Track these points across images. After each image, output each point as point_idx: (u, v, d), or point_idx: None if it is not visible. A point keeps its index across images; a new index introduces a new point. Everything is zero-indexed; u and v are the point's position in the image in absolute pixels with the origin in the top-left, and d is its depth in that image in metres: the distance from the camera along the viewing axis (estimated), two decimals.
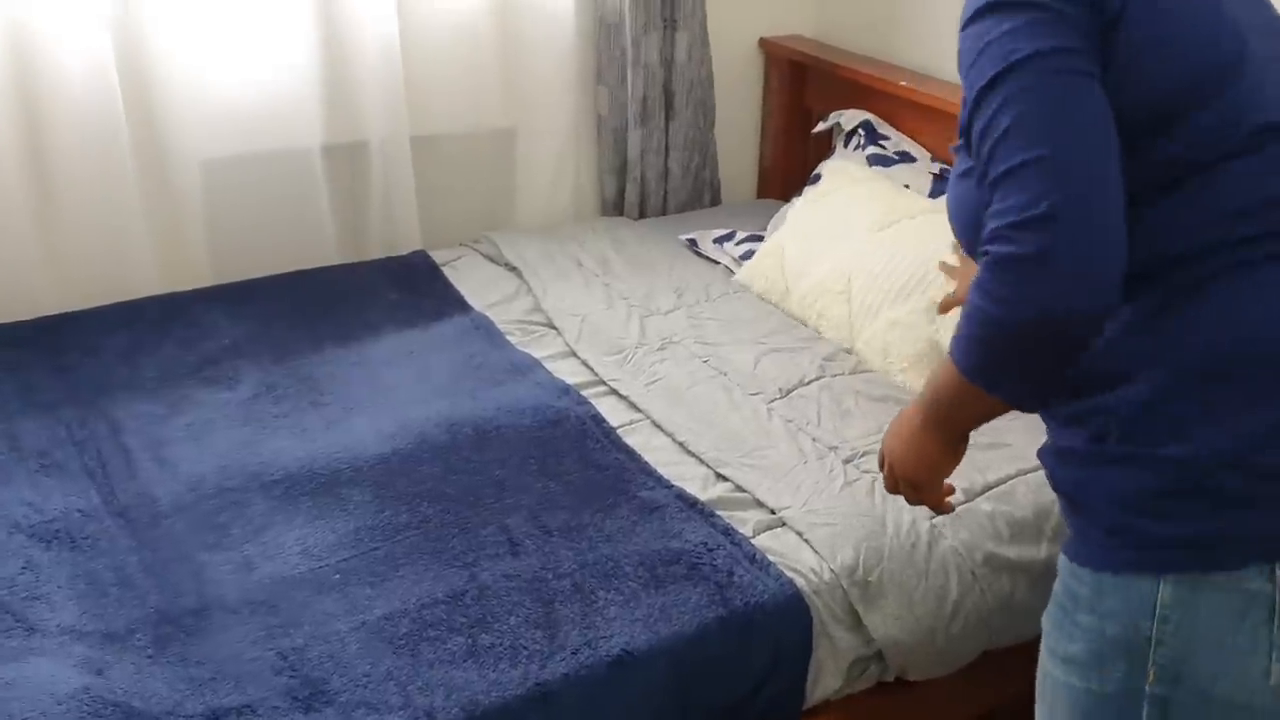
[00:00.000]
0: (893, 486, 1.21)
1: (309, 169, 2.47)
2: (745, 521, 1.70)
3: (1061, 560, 1.08)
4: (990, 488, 1.77)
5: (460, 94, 2.61)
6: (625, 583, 1.54)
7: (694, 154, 2.88)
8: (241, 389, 2.01)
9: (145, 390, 1.99)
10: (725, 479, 1.80)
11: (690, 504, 1.72)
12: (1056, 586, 1.08)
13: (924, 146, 2.62)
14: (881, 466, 1.23)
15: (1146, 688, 0.98)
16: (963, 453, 1.15)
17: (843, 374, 2.11)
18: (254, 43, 2.35)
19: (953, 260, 1.55)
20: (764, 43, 2.97)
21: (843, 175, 2.52)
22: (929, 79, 2.64)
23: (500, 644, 1.44)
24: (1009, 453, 1.82)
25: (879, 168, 2.55)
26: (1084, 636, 1.02)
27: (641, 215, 2.87)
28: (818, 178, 2.65)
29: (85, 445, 1.84)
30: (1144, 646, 0.98)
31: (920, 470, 1.16)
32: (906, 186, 2.46)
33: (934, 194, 2.43)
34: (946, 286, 1.91)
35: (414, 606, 1.50)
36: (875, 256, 2.23)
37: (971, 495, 1.75)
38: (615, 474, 1.79)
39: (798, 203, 2.58)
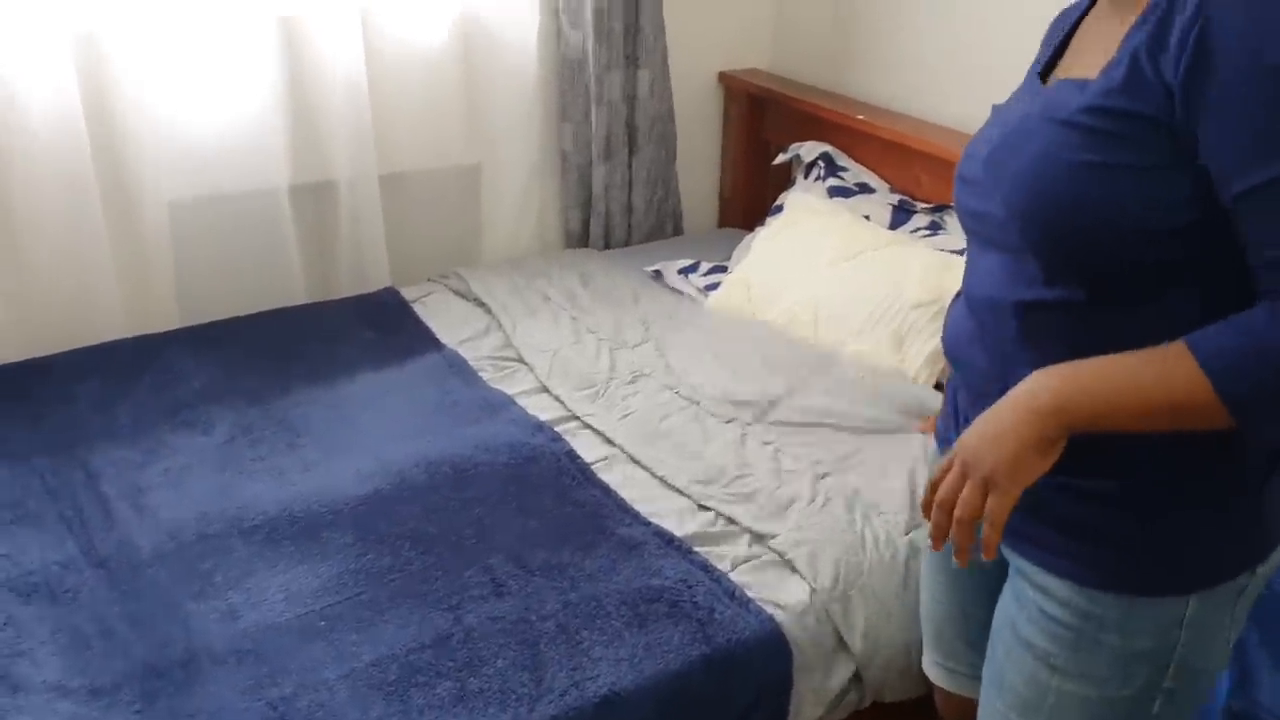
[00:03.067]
0: (957, 486, 1.04)
1: (277, 209, 2.48)
2: (723, 557, 1.73)
3: (1067, 586, 1.12)
4: None
5: (427, 131, 2.64)
6: (608, 622, 1.57)
7: (657, 187, 2.92)
8: (217, 433, 2.01)
9: (120, 437, 1.99)
10: (708, 509, 1.84)
11: (668, 540, 1.75)
12: (1057, 611, 1.13)
13: (882, 177, 2.68)
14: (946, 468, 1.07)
15: (1164, 684, 1.12)
16: (1052, 462, 1.02)
17: (813, 392, 2.14)
18: (221, 85, 2.36)
19: None
20: (723, 77, 3.03)
21: (804, 207, 2.58)
22: (882, 111, 2.71)
23: (489, 688, 1.46)
24: None
25: (839, 199, 2.61)
26: (1107, 653, 1.11)
27: (606, 247, 2.91)
28: (779, 209, 2.70)
29: (60, 495, 1.84)
30: (1169, 653, 1.10)
31: (1011, 466, 0.99)
32: (866, 217, 2.52)
33: (893, 225, 2.49)
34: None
35: (401, 652, 1.51)
36: (840, 289, 2.28)
37: None
38: (592, 511, 1.82)
39: (762, 233, 2.63)
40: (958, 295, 1.25)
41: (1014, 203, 1.04)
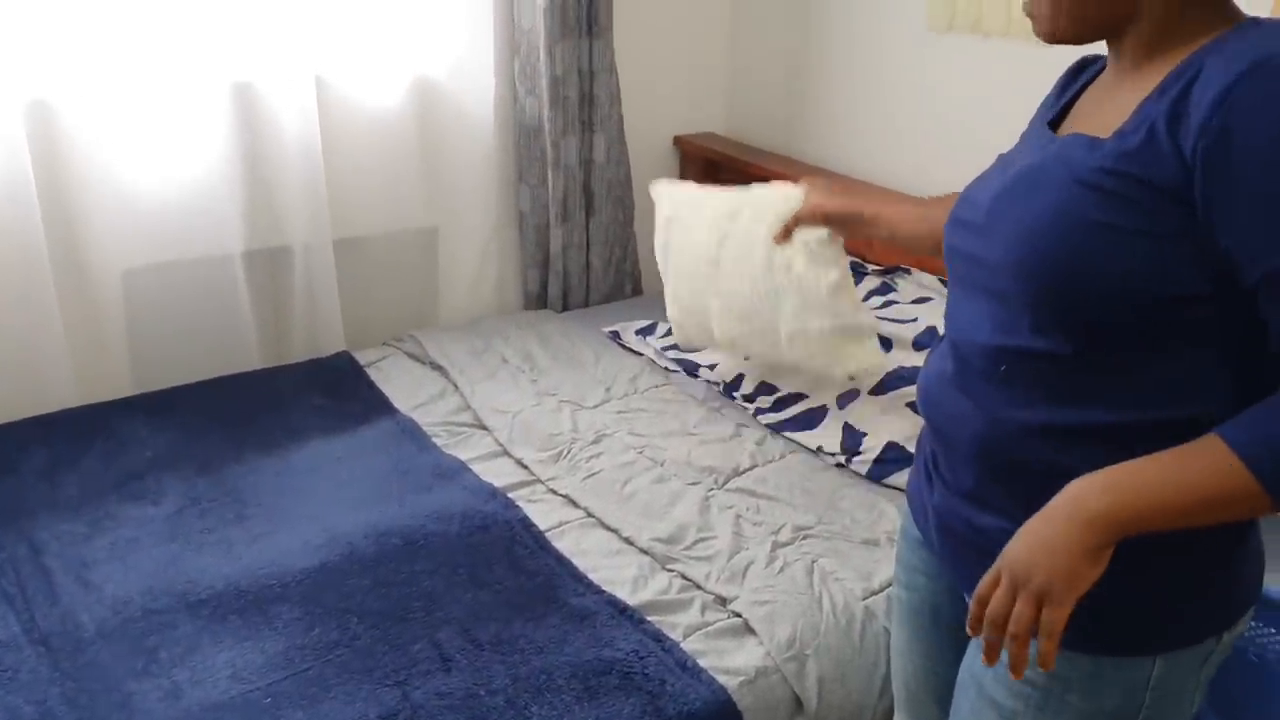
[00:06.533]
0: (1008, 602, 1.00)
1: (230, 275, 2.47)
2: (675, 625, 1.72)
3: (1036, 646, 1.11)
4: None
5: (382, 196, 2.65)
6: (558, 696, 1.56)
7: (614, 248, 2.94)
8: (165, 504, 1.99)
9: (66, 508, 1.97)
10: (665, 571, 1.85)
11: (620, 610, 1.74)
12: (1029, 672, 1.12)
13: None
14: (993, 586, 1.03)
15: None
16: (1103, 569, 1.00)
17: (774, 460, 2.17)
18: (174, 151, 2.36)
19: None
20: (679, 140, 3.07)
21: (670, 200, 2.40)
22: (834, 175, 2.75)
23: None
24: None
25: None
26: (1072, 713, 1.11)
27: (565, 308, 2.92)
28: None
29: (3, 569, 1.81)
30: (1133, 715, 1.11)
31: (1065, 577, 0.97)
32: None
33: None
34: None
35: None
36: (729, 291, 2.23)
37: None
38: (545, 580, 1.81)
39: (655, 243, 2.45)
40: (936, 344, 1.27)
41: (1017, 250, 1.04)
